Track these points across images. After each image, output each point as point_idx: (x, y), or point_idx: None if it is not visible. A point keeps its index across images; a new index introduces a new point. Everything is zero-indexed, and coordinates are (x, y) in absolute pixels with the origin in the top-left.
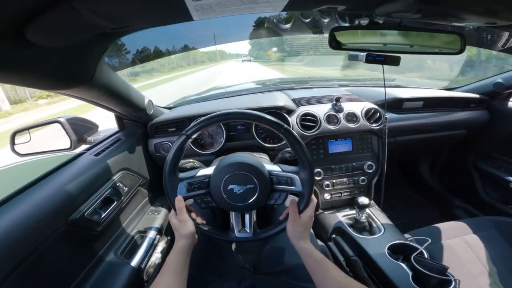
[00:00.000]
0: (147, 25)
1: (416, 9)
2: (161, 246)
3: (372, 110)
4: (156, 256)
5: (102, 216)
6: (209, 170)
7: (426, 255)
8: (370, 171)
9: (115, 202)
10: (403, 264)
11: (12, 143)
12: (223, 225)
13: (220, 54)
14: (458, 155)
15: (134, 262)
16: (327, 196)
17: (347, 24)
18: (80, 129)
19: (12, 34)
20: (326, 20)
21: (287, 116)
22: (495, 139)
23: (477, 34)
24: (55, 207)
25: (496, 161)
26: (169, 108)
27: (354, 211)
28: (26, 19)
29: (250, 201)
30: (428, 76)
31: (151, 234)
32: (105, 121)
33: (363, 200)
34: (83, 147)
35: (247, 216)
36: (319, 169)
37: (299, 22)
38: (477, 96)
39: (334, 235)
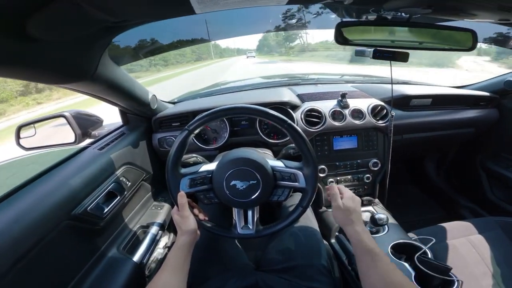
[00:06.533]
0: (149, 19)
1: (426, 4)
2: (163, 241)
3: (379, 107)
4: (158, 252)
5: (105, 211)
6: (211, 166)
7: (429, 255)
8: (375, 168)
9: (118, 197)
10: (406, 264)
11: (17, 137)
12: (225, 221)
13: (221, 50)
14: (465, 154)
15: (136, 258)
16: None
17: (354, 19)
18: (84, 123)
19: (13, 29)
20: (333, 16)
21: (291, 111)
22: (504, 138)
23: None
24: (58, 201)
25: (504, 160)
26: (173, 103)
27: None
28: (27, 14)
29: (253, 197)
30: None
31: (154, 229)
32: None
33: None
34: (88, 141)
35: (249, 213)
36: (323, 166)
37: (305, 17)
38: (487, 94)
39: (337, 233)
